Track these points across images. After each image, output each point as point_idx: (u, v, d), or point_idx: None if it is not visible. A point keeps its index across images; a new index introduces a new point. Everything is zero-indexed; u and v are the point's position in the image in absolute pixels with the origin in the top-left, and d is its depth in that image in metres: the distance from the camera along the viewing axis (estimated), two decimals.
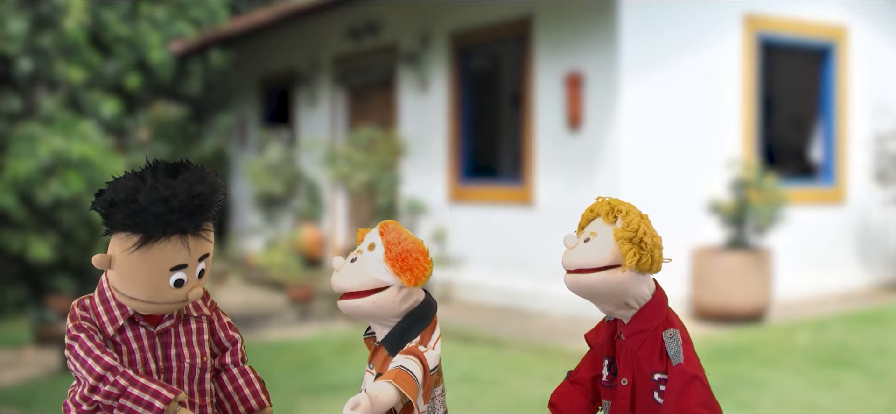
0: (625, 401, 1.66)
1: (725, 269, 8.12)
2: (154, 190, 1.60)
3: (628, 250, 1.60)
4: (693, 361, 1.62)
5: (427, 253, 1.71)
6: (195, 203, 1.62)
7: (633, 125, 8.44)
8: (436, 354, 1.66)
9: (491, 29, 9.93)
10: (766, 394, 5.85)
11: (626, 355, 1.67)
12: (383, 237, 1.69)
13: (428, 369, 1.62)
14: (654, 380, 1.63)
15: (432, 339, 1.67)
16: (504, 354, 7.42)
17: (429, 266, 1.69)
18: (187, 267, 1.66)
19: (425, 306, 1.71)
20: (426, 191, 10.38)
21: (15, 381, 7.68)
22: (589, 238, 1.64)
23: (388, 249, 1.67)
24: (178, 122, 16.39)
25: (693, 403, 1.58)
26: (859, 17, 9.88)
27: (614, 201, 1.67)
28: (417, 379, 1.60)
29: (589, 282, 1.62)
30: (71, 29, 13.48)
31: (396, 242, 1.67)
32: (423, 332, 1.67)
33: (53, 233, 11.84)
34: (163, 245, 1.62)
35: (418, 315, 1.68)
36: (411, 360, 1.62)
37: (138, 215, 1.60)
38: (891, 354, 7.19)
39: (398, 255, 1.66)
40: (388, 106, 11.23)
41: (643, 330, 1.64)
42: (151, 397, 1.62)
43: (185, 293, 1.67)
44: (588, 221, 1.69)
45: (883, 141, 9.87)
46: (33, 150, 11.74)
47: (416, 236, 1.73)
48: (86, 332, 1.67)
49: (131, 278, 1.65)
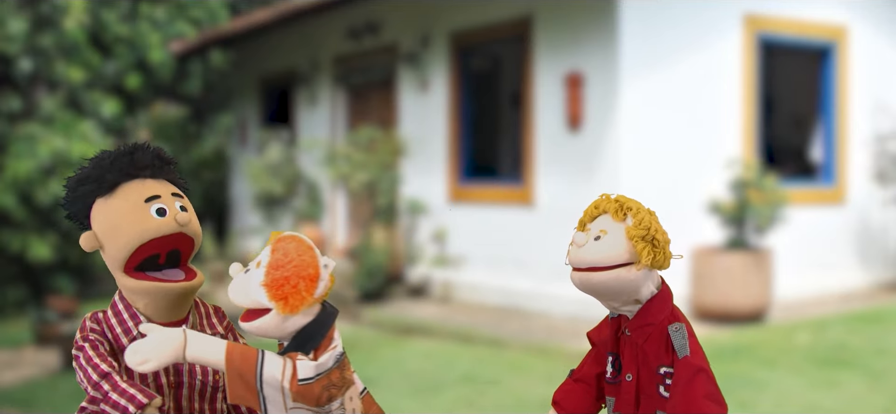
0: (629, 396, 1.66)
1: (725, 269, 8.12)
2: (88, 162, 1.79)
3: (643, 248, 1.60)
4: (699, 354, 1.62)
5: (314, 277, 1.56)
6: (126, 151, 1.77)
7: (633, 125, 8.44)
8: (312, 365, 1.55)
9: (491, 29, 9.93)
10: (766, 394, 5.85)
11: (632, 350, 1.67)
12: (272, 255, 1.58)
13: (295, 376, 1.53)
14: (659, 374, 1.63)
15: (325, 354, 1.57)
16: (504, 354, 7.42)
17: (309, 294, 1.55)
18: (161, 198, 1.73)
19: (316, 325, 1.59)
20: (426, 191, 10.38)
21: (15, 381, 7.69)
22: (599, 236, 1.63)
23: (268, 271, 1.56)
24: (178, 122, 16.39)
25: (699, 396, 1.58)
26: (859, 17, 9.89)
27: (622, 198, 1.67)
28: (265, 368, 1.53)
29: (601, 279, 1.61)
30: (71, 29, 13.48)
31: (278, 265, 1.55)
32: (316, 350, 1.57)
33: (53, 233, 11.84)
34: (124, 187, 1.74)
35: (308, 334, 1.58)
36: (279, 358, 1.56)
37: (88, 180, 1.75)
38: (891, 354, 7.19)
39: (274, 280, 1.55)
40: (388, 106, 11.23)
41: (649, 324, 1.64)
42: (127, 401, 1.62)
43: (172, 219, 1.72)
44: (592, 218, 1.68)
45: (883, 141, 9.87)
46: (33, 150, 11.74)
47: (311, 255, 1.58)
48: (90, 342, 1.70)
49: (117, 228, 1.71)
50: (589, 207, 1.71)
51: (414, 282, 10.20)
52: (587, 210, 1.71)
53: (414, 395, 6.25)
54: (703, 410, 1.57)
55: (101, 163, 1.77)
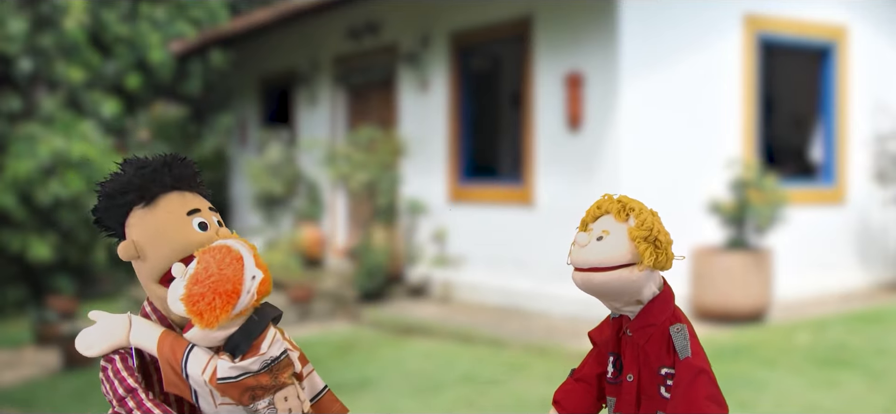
0: (630, 396, 1.66)
1: (725, 269, 8.12)
2: (129, 165, 1.74)
3: (646, 249, 1.60)
4: (700, 355, 1.62)
5: (232, 293, 1.54)
6: (169, 162, 1.74)
7: (633, 125, 8.44)
8: (233, 366, 1.55)
9: (491, 29, 9.93)
10: (766, 394, 5.85)
11: (633, 351, 1.67)
12: (196, 267, 1.57)
13: (215, 375, 1.54)
14: (660, 374, 1.63)
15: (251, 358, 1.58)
16: (504, 354, 7.42)
17: (225, 310, 1.53)
18: (201, 211, 1.73)
19: (241, 334, 1.58)
20: (426, 191, 10.39)
21: (15, 381, 7.69)
22: (602, 236, 1.63)
23: (187, 285, 1.56)
24: (178, 122, 16.39)
25: (701, 397, 1.58)
26: (859, 17, 9.89)
27: (624, 199, 1.67)
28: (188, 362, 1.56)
29: (604, 280, 1.61)
30: (71, 29, 13.48)
31: (197, 280, 1.55)
32: (245, 354, 1.58)
33: (53, 233, 11.84)
34: (166, 198, 1.71)
35: (234, 343, 1.58)
36: (205, 354, 1.58)
37: (130, 186, 1.71)
38: (891, 354, 7.19)
39: (190, 295, 1.54)
40: (388, 106, 11.23)
41: (651, 325, 1.64)
42: None
43: (213, 232, 1.71)
44: (594, 218, 1.68)
45: (883, 141, 9.87)
46: (33, 150, 11.74)
47: (234, 270, 1.57)
48: (119, 355, 1.71)
49: (160, 239, 1.69)
50: (591, 208, 1.71)
51: (414, 282, 10.20)
52: (589, 210, 1.71)
53: (414, 395, 6.25)
54: (705, 412, 1.57)
55: (142, 173, 1.72)
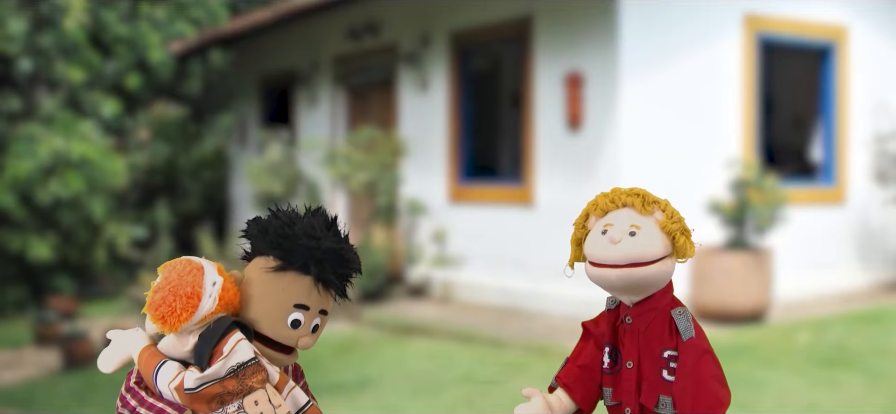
0: (630, 383, 1.66)
1: (725, 269, 8.12)
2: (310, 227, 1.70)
3: (684, 242, 1.61)
4: (703, 336, 1.62)
5: (191, 296, 1.58)
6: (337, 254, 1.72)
7: (633, 125, 8.44)
8: (196, 376, 1.57)
9: (491, 29, 9.93)
10: (766, 394, 5.85)
11: (633, 338, 1.66)
12: (157, 278, 1.62)
13: (181, 386, 1.57)
14: (663, 358, 1.62)
15: (216, 364, 1.59)
16: (504, 354, 7.42)
17: (186, 313, 1.57)
18: (308, 311, 1.69)
19: (202, 341, 1.61)
20: (426, 191, 10.39)
21: (15, 381, 7.68)
22: (634, 231, 1.61)
23: (149, 294, 1.60)
24: (178, 122, 16.39)
25: (707, 376, 1.58)
26: (859, 17, 9.89)
27: (643, 191, 1.67)
28: (158, 374, 1.59)
29: (645, 275, 1.60)
30: (71, 29, 13.48)
31: (157, 288, 1.60)
32: (210, 361, 1.60)
33: (53, 233, 11.83)
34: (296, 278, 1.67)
35: (198, 351, 1.61)
36: (174, 367, 1.61)
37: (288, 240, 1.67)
38: (891, 354, 7.19)
39: (152, 302, 1.59)
40: (388, 106, 11.23)
41: (653, 309, 1.64)
42: None
43: (296, 336, 1.69)
44: (604, 212, 1.67)
45: (883, 141, 9.87)
46: (33, 150, 11.74)
47: (193, 276, 1.61)
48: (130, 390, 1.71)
49: (257, 302, 1.67)
50: (599, 200, 1.69)
51: (414, 282, 10.20)
52: (597, 203, 1.68)
53: (414, 395, 6.25)
54: (711, 391, 1.57)
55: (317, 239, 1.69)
